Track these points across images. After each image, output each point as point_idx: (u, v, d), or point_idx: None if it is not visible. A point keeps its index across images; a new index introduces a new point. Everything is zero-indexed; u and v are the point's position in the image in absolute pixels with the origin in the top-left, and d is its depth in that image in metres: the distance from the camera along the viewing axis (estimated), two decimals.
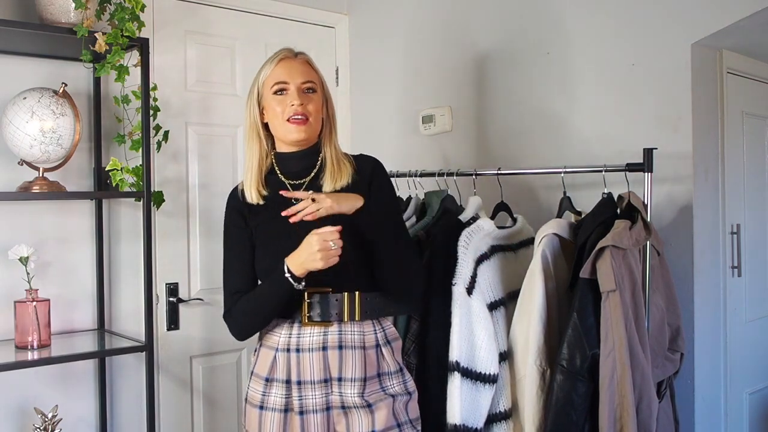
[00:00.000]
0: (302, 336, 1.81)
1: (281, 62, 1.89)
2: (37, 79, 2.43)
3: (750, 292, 2.64)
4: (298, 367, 1.80)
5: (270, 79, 1.88)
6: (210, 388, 2.87)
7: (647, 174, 1.98)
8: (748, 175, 2.65)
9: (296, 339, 1.81)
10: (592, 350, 1.84)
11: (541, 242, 1.98)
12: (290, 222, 1.75)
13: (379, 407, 1.81)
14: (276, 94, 1.86)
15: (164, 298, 2.77)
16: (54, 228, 2.51)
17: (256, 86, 1.91)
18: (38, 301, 2.26)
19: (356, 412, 1.80)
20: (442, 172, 2.37)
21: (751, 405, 2.66)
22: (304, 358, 1.80)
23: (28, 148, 2.23)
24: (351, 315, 1.82)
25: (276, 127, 1.88)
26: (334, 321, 1.81)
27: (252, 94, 1.91)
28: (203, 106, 2.88)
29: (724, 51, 2.36)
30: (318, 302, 1.81)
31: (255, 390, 1.85)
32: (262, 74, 1.90)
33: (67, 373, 2.51)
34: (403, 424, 1.83)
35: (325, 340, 1.81)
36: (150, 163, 2.38)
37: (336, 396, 1.80)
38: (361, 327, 1.83)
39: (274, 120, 1.87)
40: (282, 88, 1.86)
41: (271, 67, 1.89)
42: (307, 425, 1.78)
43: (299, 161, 1.91)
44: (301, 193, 1.79)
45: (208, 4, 2.89)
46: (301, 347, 1.81)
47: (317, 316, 1.81)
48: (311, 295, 1.80)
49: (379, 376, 1.84)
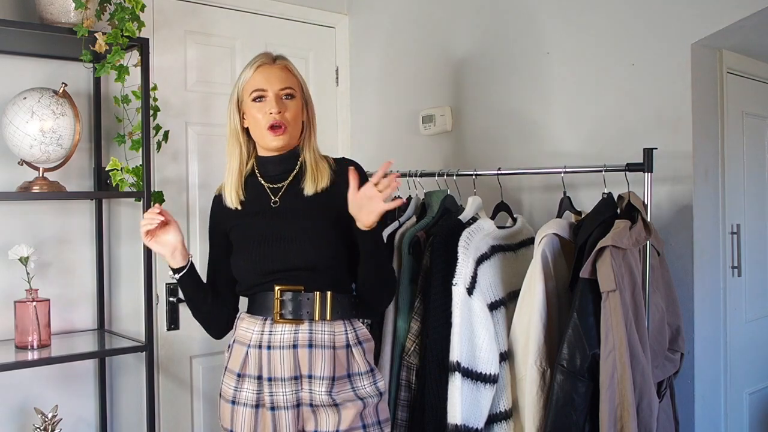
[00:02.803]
0: (273, 333, 1.85)
1: (259, 69, 1.91)
2: (37, 79, 2.43)
3: (750, 292, 2.64)
4: (269, 364, 1.83)
5: (249, 85, 1.90)
6: (210, 388, 2.87)
7: (647, 174, 1.98)
8: (748, 175, 2.65)
9: (268, 336, 1.85)
10: (593, 350, 1.84)
11: (541, 242, 1.98)
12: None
13: (346, 407, 1.84)
14: (255, 101, 1.89)
15: (164, 298, 2.77)
16: (54, 228, 2.51)
17: (236, 91, 1.93)
18: (38, 301, 2.26)
19: (324, 410, 1.84)
20: (442, 172, 2.37)
21: (751, 405, 2.66)
22: (275, 355, 1.83)
23: (28, 148, 2.23)
24: (322, 314, 1.85)
25: (255, 133, 1.92)
26: (305, 319, 1.84)
27: (232, 99, 1.94)
28: (203, 106, 2.88)
29: (724, 51, 2.36)
30: (290, 300, 1.84)
31: (228, 385, 1.90)
32: (241, 79, 1.92)
33: (67, 373, 2.51)
34: (369, 425, 1.86)
35: (295, 338, 1.84)
36: (150, 163, 2.38)
37: (306, 393, 1.83)
38: (332, 327, 1.86)
39: (254, 126, 1.91)
40: (260, 95, 1.88)
41: (250, 73, 1.91)
42: (278, 421, 1.82)
43: (279, 165, 1.95)
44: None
45: (208, 4, 2.89)
46: (272, 344, 1.84)
47: (289, 314, 1.84)
48: (283, 293, 1.84)
49: (350, 377, 1.87)
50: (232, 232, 1.95)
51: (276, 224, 1.89)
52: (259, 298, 1.90)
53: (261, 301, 1.89)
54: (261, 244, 1.89)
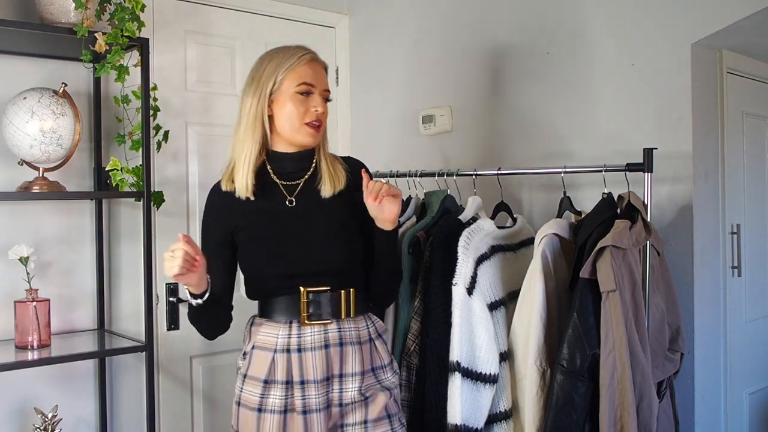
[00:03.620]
0: (303, 336, 1.81)
1: (309, 63, 1.84)
2: (37, 79, 2.43)
3: (750, 292, 2.64)
4: (301, 367, 1.79)
5: (296, 75, 1.81)
6: (210, 388, 2.87)
7: (647, 174, 1.98)
8: (748, 175, 2.65)
9: (297, 339, 1.81)
10: (593, 350, 1.84)
11: (541, 242, 1.98)
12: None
13: (374, 398, 1.84)
14: (300, 94, 1.81)
15: (164, 298, 2.77)
16: (54, 228, 2.51)
17: (272, 77, 1.81)
18: (38, 301, 2.26)
19: (351, 406, 1.83)
20: (442, 172, 2.37)
21: (751, 405, 2.66)
22: (306, 357, 1.80)
23: (28, 148, 2.23)
24: (347, 312, 1.84)
25: (287, 125, 1.83)
26: (333, 318, 1.83)
27: (261, 84, 1.82)
28: (203, 106, 2.88)
29: (724, 51, 2.36)
30: (317, 301, 1.81)
31: (251, 392, 1.82)
32: (282, 66, 1.81)
33: (67, 373, 2.51)
34: (393, 415, 1.87)
35: (326, 338, 1.81)
36: (150, 163, 2.38)
37: (335, 393, 1.82)
38: (356, 323, 1.86)
39: (287, 117, 1.82)
40: (308, 90, 1.82)
41: (298, 63, 1.82)
42: (310, 424, 1.78)
43: (296, 162, 1.89)
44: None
45: (208, 4, 2.89)
46: (302, 347, 1.80)
47: (317, 315, 1.81)
48: (309, 294, 1.81)
49: (374, 370, 1.87)
50: (242, 231, 1.86)
51: (296, 225, 1.82)
52: (281, 302, 1.83)
53: (284, 304, 1.83)
54: (282, 245, 1.83)
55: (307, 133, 1.83)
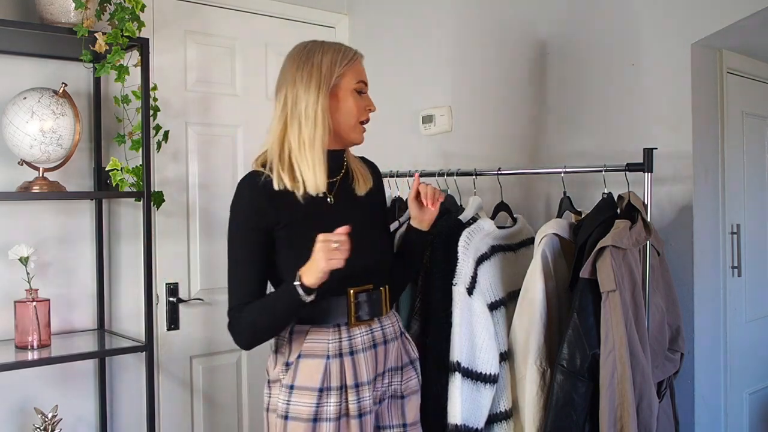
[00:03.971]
0: (353, 337, 1.77)
1: (359, 61, 1.81)
2: (37, 79, 2.43)
3: (750, 292, 2.64)
4: (354, 370, 1.75)
5: (354, 73, 1.78)
6: (210, 388, 2.87)
7: (647, 174, 1.98)
8: (748, 175, 2.65)
9: (348, 342, 1.76)
10: (593, 350, 1.84)
11: (542, 242, 1.98)
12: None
13: (410, 400, 1.88)
14: (357, 92, 1.79)
15: (164, 298, 2.77)
16: (54, 228, 2.51)
17: (333, 71, 1.75)
18: (38, 301, 2.26)
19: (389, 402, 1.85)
20: (442, 172, 2.37)
21: (751, 405, 2.66)
22: (359, 359, 1.76)
23: (28, 148, 2.23)
24: (386, 309, 1.84)
25: (343, 122, 1.78)
26: (376, 317, 1.82)
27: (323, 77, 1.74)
28: (203, 106, 2.88)
29: (724, 51, 2.36)
30: (364, 301, 1.78)
31: (303, 403, 1.71)
32: (341, 61, 1.76)
33: (67, 373, 2.51)
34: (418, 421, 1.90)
35: (373, 338, 1.80)
36: (150, 163, 2.38)
37: (379, 391, 1.82)
38: (389, 319, 1.87)
39: (345, 115, 1.78)
40: (362, 89, 1.80)
41: (354, 60, 1.79)
42: (364, 427, 1.75)
43: (333, 160, 1.83)
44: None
45: (208, 4, 2.89)
46: (354, 349, 1.76)
47: (365, 315, 1.78)
48: (357, 295, 1.76)
49: (403, 366, 1.89)
50: (286, 229, 1.74)
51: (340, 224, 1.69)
52: (326, 304, 1.74)
53: (331, 306, 1.75)
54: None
55: (360, 131, 1.82)
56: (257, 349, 1.83)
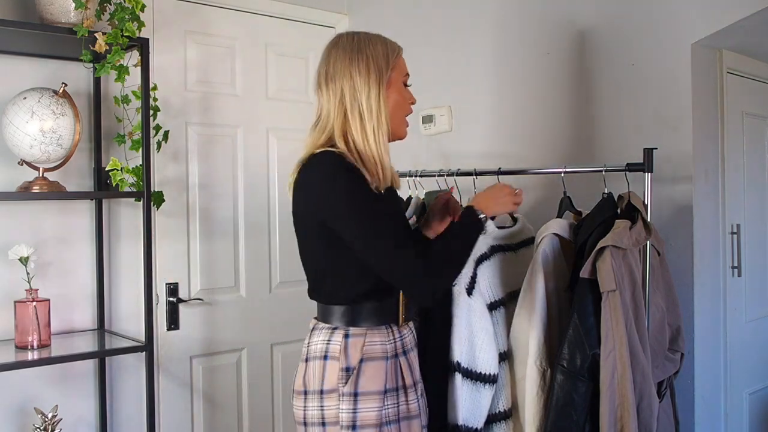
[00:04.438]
0: (404, 337, 1.79)
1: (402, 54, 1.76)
2: (37, 79, 2.43)
3: (750, 292, 2.64)
4: (410, 368, 1.77)
5: (402, 65, 1.75)
6: (210, 388, 2.87)
7: (647, 174, 1.98)
8: (748, 175, 2.65)
9: (400, 342, 1.76)
10: (593, 350, 1.83)
11: (542, 242, 1.98)
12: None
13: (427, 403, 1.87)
14: (405, 85, 1.76)
15: (164, 298, 2.77)
16: (54, 228, 2.51)
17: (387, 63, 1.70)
18: (38, 301, 2.26)
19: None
20: (442, 172, 2.37)
21: (751, 405, 2.66)
22: (412, 358, 1.79)
23: (28, 148, 2.23)
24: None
25: (396, 116, 1.74)
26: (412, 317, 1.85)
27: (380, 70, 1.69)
28: (203, 106, 2.88)
29: (724, 51, 2.36)
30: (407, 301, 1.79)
31: (370, 409, 1.66)
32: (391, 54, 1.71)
33: (67, 373, 2.51)
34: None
35: (414, 337, 1.84)
36: (150, 163, 2.38)
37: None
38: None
39: (397, 109, 1.74)
40: (407, 81, 1.78)
41: (400, 54, 1.75)
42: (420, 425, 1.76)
43: None
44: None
45: (208, 4, 2.89)
46: (406, 348, 1.79)
47: (409, 316, 1.81)
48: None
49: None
50: None
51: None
52: (384, 305, 1.74)
53: (386, 307, 1.74)
54: None
55: (405, 125, 1.78)
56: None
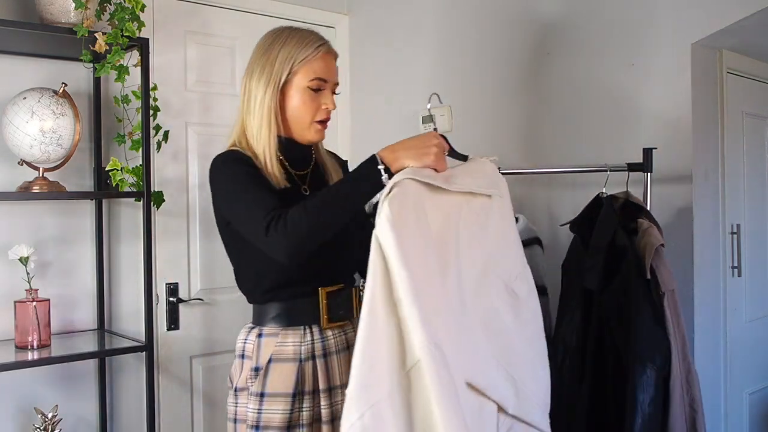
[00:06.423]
0: (326, 339, 1.71)
1: (323, 55, 1.71)
2: (37, 79, 2.43)
3: (750, 292, 2.64)
4: (328, 373, 1.70)
5: (309, 69, 1.69)
6: (210, 388, 2.87)
7: (647, 174, 1.98)
8: (748, 175, 2.65)
9: (320, 344, 1.70)
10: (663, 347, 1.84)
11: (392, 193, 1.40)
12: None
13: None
14: (311, 89, 1.70)
15: (164, 298, 2.77)
16: (54, 228, 2.51)
17: (286, 67, 1.68)
18: (38, 301, 2.26)
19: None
20: None
21: (751, 405, 2.66)
22: (332, 362, 1.71)
23: (28, 148, 2.23)
24: (357, 311, 1.73)
25: (297, 120, 1.72)
26: (348, 318, 1.76)
27: (274, 73, 1.68)
28: (203, 106, 2.88)
29: (724, 51, 2.36)
30: (336, 301, 1.72)
31: (276, 411, 1.64)
32: (297, 57, 1.68)
33: (67, 373, 2.51)
34: None
35: (348, 339, 1.74)
36: (150, 163, 2.38)
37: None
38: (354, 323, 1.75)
39: (297, 112, 1.71)
40: (320, 86, 1.70)
41: (313, 55, 1.69)
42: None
43: (304, 150, 1.80)
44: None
45: (208, 4, 2.89)
46: (327, 351, 1.71)
47: (336, 317, 1.72)
48: (329, 295, 1.71)
49: None
50: None
51: None
52: (298, 305, 1.70)
53: (301, 307, 1.70)
54: None
55: (315, 131, 1.73)
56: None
